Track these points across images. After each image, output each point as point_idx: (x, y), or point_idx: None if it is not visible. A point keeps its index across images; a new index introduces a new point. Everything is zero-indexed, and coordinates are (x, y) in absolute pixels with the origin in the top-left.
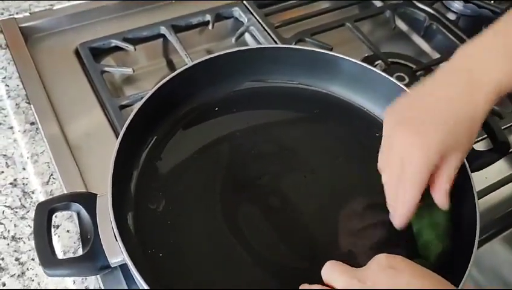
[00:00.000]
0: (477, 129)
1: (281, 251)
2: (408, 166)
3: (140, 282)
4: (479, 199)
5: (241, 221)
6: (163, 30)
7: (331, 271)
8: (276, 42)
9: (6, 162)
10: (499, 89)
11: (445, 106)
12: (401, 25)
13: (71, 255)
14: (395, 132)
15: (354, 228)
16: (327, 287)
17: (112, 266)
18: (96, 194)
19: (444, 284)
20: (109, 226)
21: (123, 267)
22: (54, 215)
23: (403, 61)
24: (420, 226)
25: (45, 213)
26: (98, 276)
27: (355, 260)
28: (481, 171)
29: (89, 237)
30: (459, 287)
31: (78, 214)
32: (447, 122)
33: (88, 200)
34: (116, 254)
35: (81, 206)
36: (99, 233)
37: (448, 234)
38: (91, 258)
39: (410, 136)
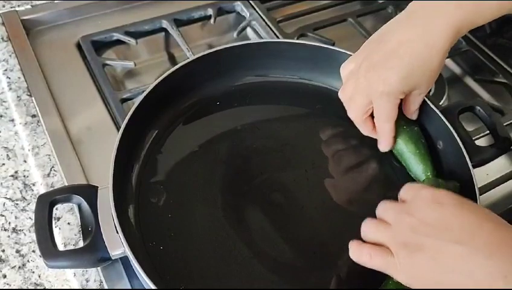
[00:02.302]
0: (437, 68)
1: (281, 245)
2: (377, 106)
3: (141, 274)
4: (480, 195)
5: (241, 215)
6: (165, 24)
7: (384, 207)
8: (278, 37)
9: (7, 155)
10: (455, 30)
11: (406, 49)
12: None
13: (72, 247)
14: (362, 73)
15: (355, 222)
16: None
17: (113, 259)
18: (97, 187)
19: (489, 215)
20: (110, 219)
21: (124, 260)
22: (55, 208)
23: None
24: None
25: (46, 205)
26: (98, 268)
27: None
28: (482, 167)
29: (90, 229)
30: None
31: (79, 207)
32: (408, 65)
33: (89, 193)
34: (117, 246)
35: (82, 199)
36: (100, 225)
37: None
38: (92, 250)
39: (377, 80)
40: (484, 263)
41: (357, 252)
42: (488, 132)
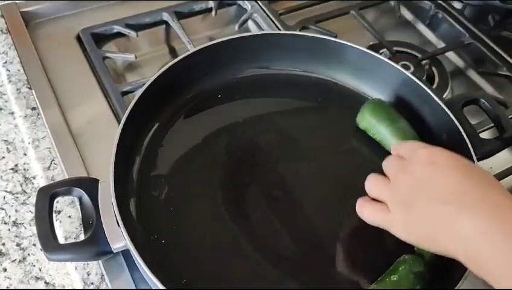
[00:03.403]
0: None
1: (282, 238)
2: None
3: (143, 268)
4: None
5: (243, 208)
6: (165, 16)
7: (388, 163)
8: (279, 29)
9: (7, 148)
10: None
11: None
12: (406, 14)
13: (73, 241)
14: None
15: (355, 215)
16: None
17: (114, 252)
18: (98, 180)
19: (480, 175)
20: (111, 212)
21: (125, 253)
22: (55, 201)
23: (408, 50)
24: None
25: (47, 198)
26: (99, 262)
27: (357, 246)
28: (486, 161)
29: (91, 223)
30: (463, 277)
31: (80, 200)
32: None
33: (90, 186)
34: (118, 239)
35: (83, 192)
36: (101, 218)
37: None
38: (93, 243)
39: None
40: (467, 220)
41: (360, 209)
42: (492, 124)
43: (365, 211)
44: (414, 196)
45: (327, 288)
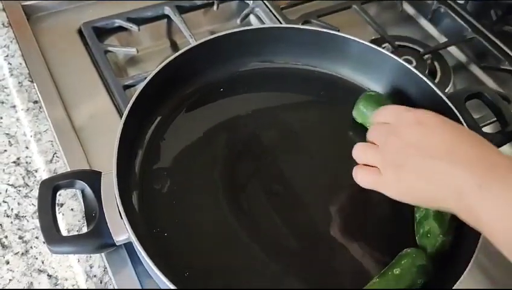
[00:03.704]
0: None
1: (283, 231)
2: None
3: (146, 260)
4: None
5: (244, 202)
6: (167, 11)
7: (372, 131)
8: (281, 23)
9: (9, 141)
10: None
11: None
12: (408, 8)
13: (75, 233)
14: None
15: (357, 209)
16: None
17: (117, 244)
18: (101, 172)
19: (467, 132)
20: (114, 205)
21: (128, 246)
22: (58, 194)
23: (410, 45)
24: (424, 215)
25: (50, 190)
26: (102, 254)
27: (357, 240)
28: None
29: (94, 215)
30: (466, 270)
31: (83, 192)
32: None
33: (93, 178)
34: (121, 232)
35: (85, 184)
36: (104, 211)
37: (453, 226)
38: (96, 235)
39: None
40: (461, 174)
41: (354, 174)
42: (494, 118)
43: (358, 175)
44: (405, 156)
45: (328, 282)
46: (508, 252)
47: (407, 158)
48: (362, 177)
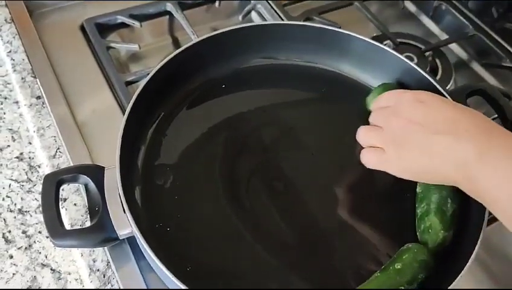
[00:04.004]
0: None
1: (285, 228)
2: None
3: (149, 254)
4: None
5: (246, 197)
6: (169, 7)
7: (374, 114)
8: (283, 20)
9: (12, 136)
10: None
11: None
12: (410, 6)
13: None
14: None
15: (358, 205)
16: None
17: (120, 238)
18: (104, 167)
19: (466, 108)
20: (117, 199)
21: (131, 240)
22: (61, 189)
23: (411, 42)
24: (426, 210)
25: (53, 184)
26: (105, 249)
27: (359, 236)
28: None
29: (97, 209)
30: (466, 266)
31: (86, 187)
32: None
33: (96, 173)
34: (124, 226)
35: (89, 179)
36: (107, 205)
37: (454, 222)
38: (99, 229)
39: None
40: (464, 147)
41: (361, 157)
42: (495, 115)
43: (363, 157)
44: (408, 134)
45: (329, 278)
46: (507, 221)
47: (410, 135)
48: (367, 159)
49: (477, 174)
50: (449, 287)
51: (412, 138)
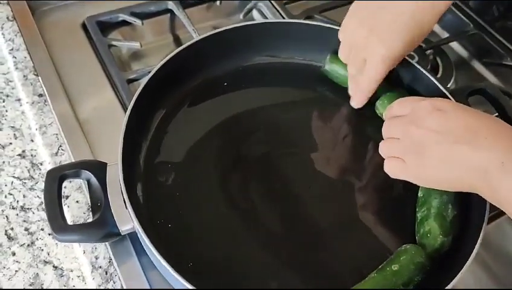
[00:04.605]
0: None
1: (284, 223)
2: (373, 68)
3: (151, 249)
4: None
5: (247, 195)
6: (170, 5)
7: (389, 126)
8: (284, 19)
9: (14, 134)
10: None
11: (408, 19)
12: None
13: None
14: (362, 35)
15: (357, 205)
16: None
17: (122, 234)
18: (107, 163)
19: (485, 115)
20: (119, 195)
21: (132, 237)
22: (63, 186)
23: None
24: (426, 215)
25: (56, 180)
26: (107, 246)
27: (358, 235)
28: None
29: (99, 205)
30: (466, 265)
31: (88, 182)
32: (408, 33)
33: (98, 169)
34: (126, 221)
35: (91, 174)
36: (109, 201)
37: (453, 227)
38: (101, 224)
39: (379, 43)
40: (485, 156)
41: (384, 167)
42: (496, 114)
43: (386, 167)
44: (427, 143)
45: (327, 276)
46: None
47: (430, 144)
48: (389, 169)
49: (498, 183)
50: (449, 286)
51: (431, 147)
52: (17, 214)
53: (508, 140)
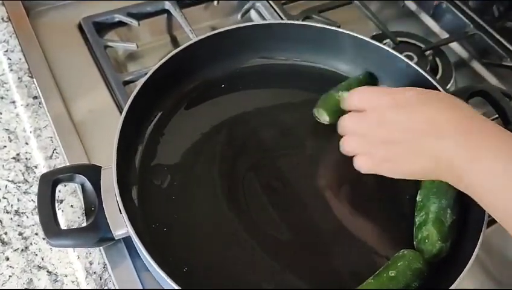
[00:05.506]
0: None
1: (282, 228)
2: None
3: (145, 255)
4: None
5: (243, 198)
6: (167, 5)
7: (352, 120)
8: (282, 19)
9: (8, 137)
10: None
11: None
12: (410, 4)
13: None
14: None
15: (356, 207)
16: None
17: (116, 239)
18: (101, 167)
19: (453, 101)
20: (113, 199)
21: (127, 241)
22: (57, 190)
23: (411, 41)
24: (424, 220)
25: (49, 184)
26: (102, 251)
27: (356, 238)
28: None
29: (93, 209)
30: (464, 271)
31: (82, 186)
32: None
33: (92, 173)
34: (120, 226)
35: (85, 178)
36: (103, 205)
37: (451, 233)
38: (95, 229)
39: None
40: (448, 146)
41: (354, 164)
42: (496, 116)
43: (356, 164)
44: (392, 140)
45: (325, 279)
46: (496, 213)
47: (395, 141)
48: (361, 166)
49: (462, 172)
50: (450, 288)
51: (397, 142)
52: (11, 219)
53: (468, 131)
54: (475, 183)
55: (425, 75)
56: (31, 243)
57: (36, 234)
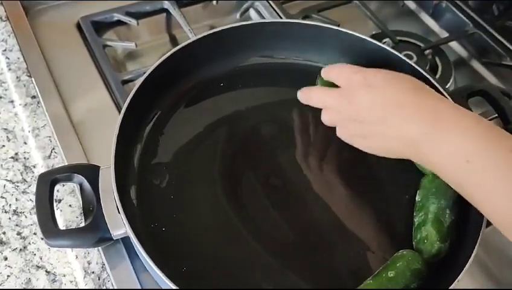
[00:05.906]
0: None
1: (281, 226)
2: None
3: (143, 255)
4: None
5: (242, 196)
6: (166, 5)
7: (326, 95)
8: (281, 18)
9: (7, 136)
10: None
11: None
12: (409, 3)
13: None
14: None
15: (356, 205)
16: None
17: (114, 239)
18: (99, 166)
19: (418, 87)
20: (112, 199)
21: (125, 241)
22: (56, 189)
23: (411, 40)
24: (423, 220)
25: (47, 184)
26: (100, 250)
27: (355, 236)
28: None
29: (91, 209)
30: (463, 272)
31: (81, 186)
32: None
33: (91, 172)
34: (119, 226)
35: (83, 178)
36: (102, 205)
37: (451, 234)
38: (93, 229)
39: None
40: (411, 127)
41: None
42: (496, 115)
43: (338, 133)
44: (360, 118)
45: (324, 278)
46: (454, 184)
47: (363, 119)
48: (341, 135)
49: (424, 151)
50: (449, 288)
51: (365, 121)
52: (10, 218)
53: (431, 112)
54: (444, 165)
55: (425, 74)
56: (29, 243)
57: (34, 233)
